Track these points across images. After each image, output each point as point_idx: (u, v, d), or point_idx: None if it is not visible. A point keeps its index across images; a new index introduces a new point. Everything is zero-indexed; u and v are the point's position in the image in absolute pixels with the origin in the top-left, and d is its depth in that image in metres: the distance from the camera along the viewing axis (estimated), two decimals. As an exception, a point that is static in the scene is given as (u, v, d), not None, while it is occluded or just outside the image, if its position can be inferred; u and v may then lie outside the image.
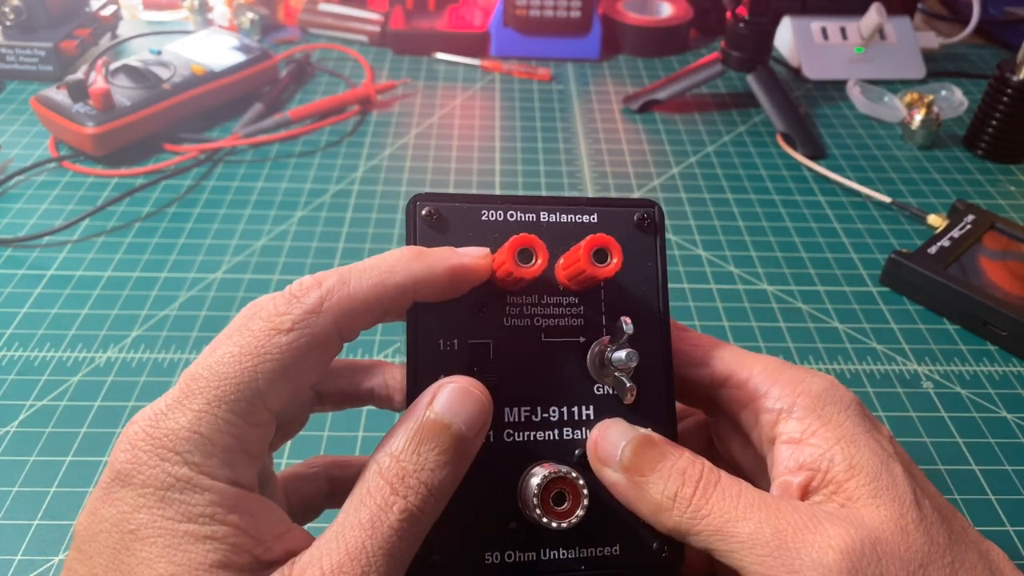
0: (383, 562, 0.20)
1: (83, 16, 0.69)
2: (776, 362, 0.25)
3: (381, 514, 0.20)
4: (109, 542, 0.20)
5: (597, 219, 0.26)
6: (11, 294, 0.45)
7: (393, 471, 0.21)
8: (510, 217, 0.26)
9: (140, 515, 0.20)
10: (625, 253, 0.24)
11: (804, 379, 0.25)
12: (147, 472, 0.20)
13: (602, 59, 0.75)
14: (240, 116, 0.62)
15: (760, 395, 0.25)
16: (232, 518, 0.20)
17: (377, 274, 0.22)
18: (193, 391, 0.21)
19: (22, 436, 0.37)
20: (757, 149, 0.62)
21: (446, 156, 0.60)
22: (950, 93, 0.68)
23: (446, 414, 0.21)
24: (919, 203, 0.56)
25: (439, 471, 0.21)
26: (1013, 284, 0.45)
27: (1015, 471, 0.37)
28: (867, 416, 0.24)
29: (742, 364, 0.26)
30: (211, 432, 0.20)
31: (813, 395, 0.24)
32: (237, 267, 0.48)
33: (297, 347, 0.21)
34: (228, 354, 0.21)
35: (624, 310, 0.25)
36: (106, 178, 0.55)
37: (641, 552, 0.24)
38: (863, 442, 0.23)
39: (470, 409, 0.22)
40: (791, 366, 0.25)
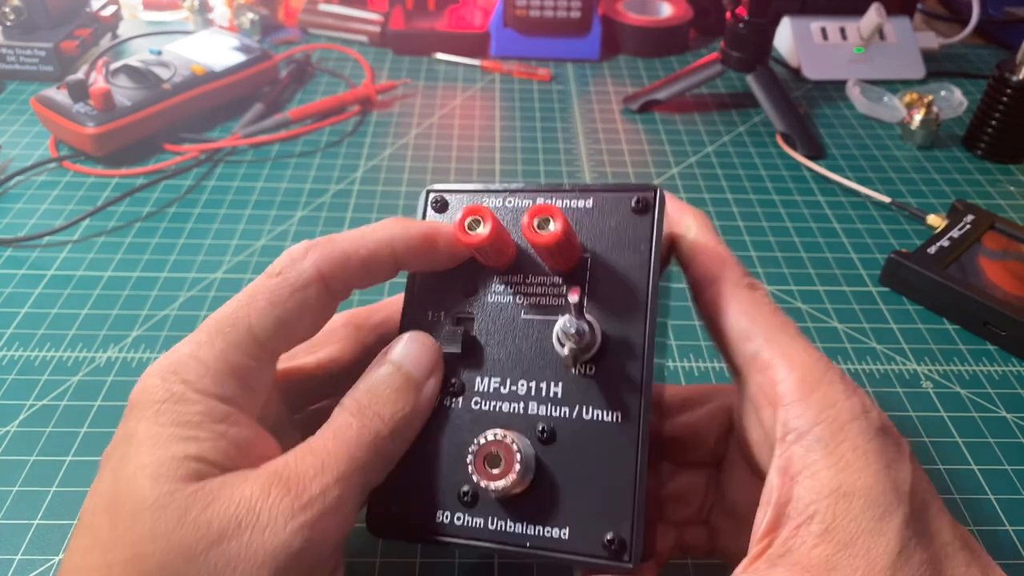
0: (344, 460, 0.23)
1: (83, 16, 0.69)
2: (817, 370, 0.23)
3: (342, 430, 0.23)
4: (114, 455, 0.22)
5: (592, 204, 0.26)
6: (11, 294, 0.45)
7: (352, 405, 0.24)
8: (507, 204, 0.27)
9: (139, 426, 0.22)
10: (617, 236, 0.25)
11: (836, 403, 0.23)
12: (149, 392, 0.23)
13: (602, 59, 0.75)
14: (240, 116, 0.63)
15: (783, 404, 0.23)
16: (217, 427, 0.22)
17: (359, 231, 0.26)
18: (198, 329, 0.24)
19: (22, 436, 0.37)
20: (757, 149, 0.62)
21: (446, 156, 0.60)
22: (950, 93, 0.68)
23: (397, 357, 0.25)
24: (919, 203, 0.56)
25: (391, 405, 0.24)
26: (1013, 284, 0.45)
27: (1015, 471, 0.37)
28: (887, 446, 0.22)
29: (783, 360, 0.24)
30: (207, 357, 0.23)
31: (835, 425, 0.22)
32: (237, 267, 0.48)
33: (282, 287, 0.24)
34: (232, 300, 0.24)
35: (607, 292, 0.25)
36: (106, 178, 0.55)
37: (590, 542, 0.24)
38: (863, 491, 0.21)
39: (418, 353, 0.25)
40: (830, 381, 0.23)
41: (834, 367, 0.24)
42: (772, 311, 0.25)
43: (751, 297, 0.25)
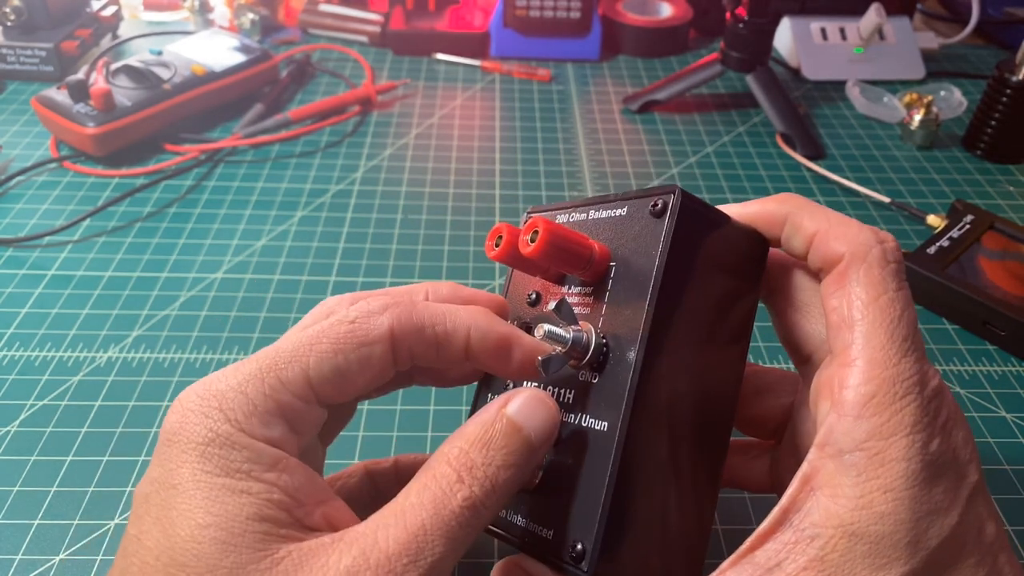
0: (441, 544, 0.20)
1: (84, 16, 0.69)
2: (896, 388, 0.21)
3: (445, 498, 0.21)
4: (156, 500, 0.21)
5: (626, 211, 0.26)
6: (12, 294, 0.45)
7: (461, 461, 0.22)
8: (570, 218, 0.28)
9: (182, 470, 0.20)
10: (637, 243, 0.25)
11: (894, 433, 0.21)
12: (191, 429, 0.21)
13: (602, 60, 0.75)
14: (240, 116, 0.63)
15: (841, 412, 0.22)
16: (269, 476, 0.21)
17: (443, 308, 0.24)
18: (248, 360, 0.22)
19: (23, 436, 0.37)
20: (756, 149, 0.62)
21: (446, 156, 0.60)
22: (949, 93, 0.68)
23: (519, 417, 0.23)
24: (918, 203, 0.56)
25: (504, 470, 0.22)
26: (1012, 284, 0.45)
27: (1014, 471, 0.37)
28: (932, 493, 0.21)
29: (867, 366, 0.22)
30: (256, 394, 0.21)
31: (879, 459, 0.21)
32: (237, 267, 0.48)
33: (351, 336, 0.22)
34: (294, 335, 0.23)
35: (622, 300, 0.25)
36: (107, 178, 0.55)
37: (562, 546, 0.24)
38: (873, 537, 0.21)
39: (542, 418, 0.23)
40: (904, 405, 0.21)
41: (919, 388, 0.21)
42: (889, 302, 0.23)
43: (874, 279, 0.23)
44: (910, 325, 0.22)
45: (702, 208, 0.25)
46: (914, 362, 0.22)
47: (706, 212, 0.25)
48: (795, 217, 0.25)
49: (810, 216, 0.25)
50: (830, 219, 0.25)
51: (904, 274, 0.24)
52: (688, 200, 0.24)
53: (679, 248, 0.24)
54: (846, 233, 0.24)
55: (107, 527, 0.33)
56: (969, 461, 0.22)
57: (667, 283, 0.24)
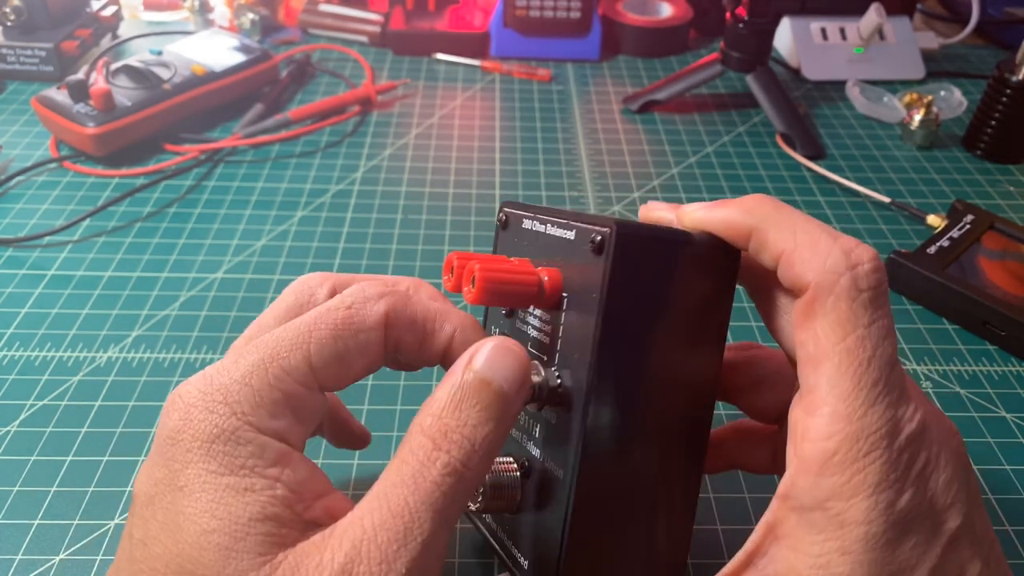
0: (427, 518, 0.20)
1: (84, 16, 0.69)
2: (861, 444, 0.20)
3: (423, 470, 0.20)
4: (162, 503, 0.20)
5: (574, 236, 0.24)
6: (11, 294, 0.45)
7: (435, 428, 0.21)
8: (532, 227, 0.26)
9: (188, 470, 0.20)
10: (583, 277, 0.23)
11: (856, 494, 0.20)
12: (195, 426, 0.20)
13: (602, 60, 0.75)
14: (241, 116, 0.63)
15: (801, 466, 0.21)
16: (273, 471, 0.20)
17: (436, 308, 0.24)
18: (249, 350, 0.22)
19: (22, 436, 0.37)
20: (756, 149, 0.62)
21: (446, 156, 0.60)
22: (949, 93, 0.68)
23: (486, 371, 0.22)
24: (918, 203, 0.56)
25: (481, 427, 0.21)
26: (1012, 284, 0.45)
27: (1014, 471, 0.37)
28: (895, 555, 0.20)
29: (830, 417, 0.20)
30: (261, 385, 0.21)
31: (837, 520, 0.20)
32: (237, 267, 0.48)
33: (349, 322, 0.22)
34: (291, 323, 0.22)
35: (572, 338, 0.23)
36: (107, 178, 0.55)
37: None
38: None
39: (509, 365, 0.22)
40: (869, 463, 0.20)
41: (888, 442, 0.20)
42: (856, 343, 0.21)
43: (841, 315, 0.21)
44: (882, 366, 0.20)
45: (648, 237, 0.23)
46: (884, 410, 0.20)
47: (654, 240, 0.23)
48: (760, 233, 0.23)
49: (776, 231, 0.22)
50: (797, 237, 0.22)
51: (883, 299, 0.21)
52: (628, 235, 0.22)
53: (622, 286, 0.22)
54: (812, 258, 0.21)
55: (107, 527, 0.33)
56: (950, 506, 0.21)
57: (610, 326, 0.22)
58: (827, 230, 0.22)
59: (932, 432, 0.21)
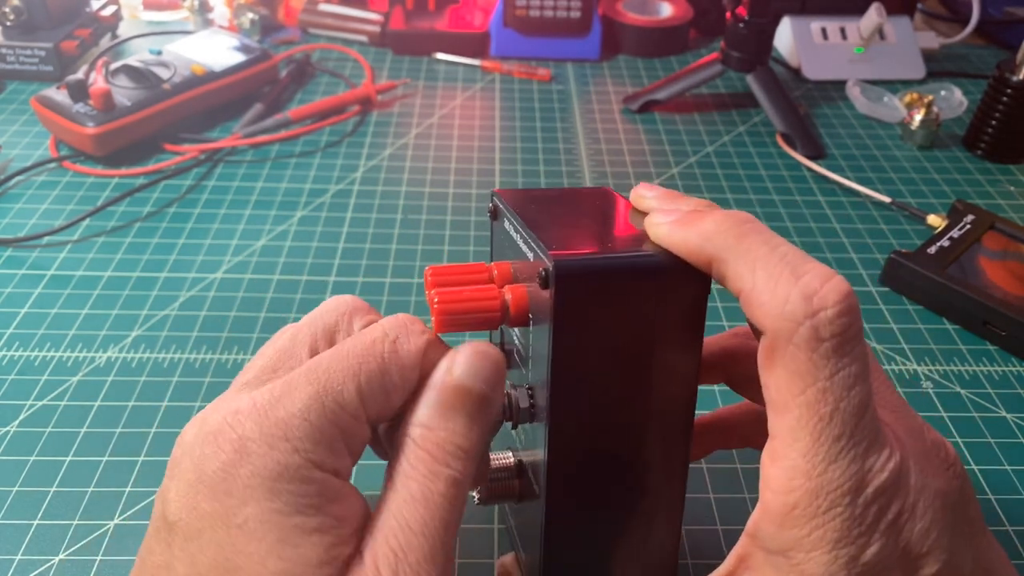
0: (443, 533, 0.21)
1: (83, 16, 0.69)
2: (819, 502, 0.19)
3: (429, 484, 0.21)
4: (214, 539, 0.19)
5: (532, 259, 0.23)
6: (11, 294, 0.45)
7: (430, 440, 0.21)
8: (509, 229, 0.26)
9: (248, 508, 0.19)
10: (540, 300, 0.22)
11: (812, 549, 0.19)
12: (255, 461, 0.20)
13: (602, 59, 0.75)
14: (240, 116, 0.63)
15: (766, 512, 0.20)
16: (334, 509, 0.20)
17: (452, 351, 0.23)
18: (299, 380, 0.21)
19: (22, 436, 0.37)
20: (757, 149, 0.62)
21: (446, 156, 0.60)
22: (950, 93, 0.68)
23: (466, 377, 0.22)
24: (919, 203, 0.56)
25: (471, 433, 0.22)
26: (1013, 284, 0.45)
27: (1015, 471, 0.37)
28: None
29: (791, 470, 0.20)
30: (319, 420, 0.20)
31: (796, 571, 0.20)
32: (237, 267, 0.48)
33: (395, 356, 0.22)
34: (337, 352, 0.22)
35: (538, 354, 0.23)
36: (106, 178, 0.55)
37: None
38: None
39: (486, 367, 0.22)
40: (827, 520, 0.19)
41: (848, 504, 0.19)
42: (818, 395, 0.19)
43: (800, 366, 0.20)
44: (847, 419, 0.19)
45: (597, 271, 0.21)
46: (848, 465, 0.19)
47: (604, 273, 0.21)
48: (719, 265, 0.21)
49: (735, 266, 0.21)
50: (756, 276, 0.20)
51: (850, 345, 0.19)
52: (571, 272, 0.21)
53: (571, 320, 0.21)
54: (769, 302, 0.20)
55: (107, 527, 0.33)
56: (925, 554, 0.20)
57: (563, 358, 0.22)
58: (790, 265, 0.20)
59: (909, 479, 0.20)
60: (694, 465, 0.36)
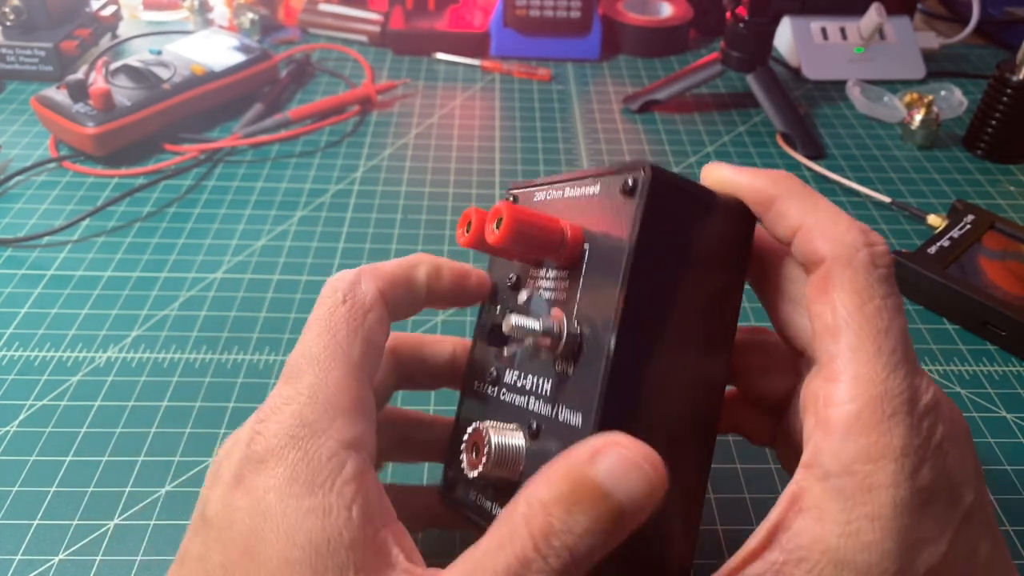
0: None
1: (83, 16, 0.69)
2: (884, 407, 0.20)
3: (520, 569, 0.19)
4: (242, 529, 0.20)
5: (599, 190, 0.24)
6: (11, 294, 0.45)
7: (539, 524, 0.19)
8: (545, 197, 0.27)
9: (270, 497, 0.20)
10: (610, 223, 0.23)
11: (882, 457, 0.20)
12: (279, 453, 0.21)
13: (602, 59, 0.75)
14: (240, 116, 0.63)
15: (826, 431, 0.21)
16: (349, 489, 0.21)
17: (397, 260, 0.26)
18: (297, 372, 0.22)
19: (22, 436, 0.37)
20: (757, 149, 0.62)
21: (446, 156, 0.60)
22: (950, 93, 0.68)
23: (609, 481, 0.19)
24: (919, 203, 0.56)
25: (586, 539, 0.19)
26: (1013, 284, 0.45)
27: (1015, 471, 0.37)
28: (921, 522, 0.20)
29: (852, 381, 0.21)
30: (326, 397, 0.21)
31: (865, 484, 0.20)
32: (237, 267, 0.48)
33: (356, 312, 0.23)
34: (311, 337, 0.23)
35: (594, 286, 0.23)
36: (106, 178, 0.55)
37: None
38: (858, 566, 0.20)
39: (637, 486, 0.19)
40: (892, 425, 0.20)
41: (910, 407, 0.20)
42: (876, 310, 0.21)
43: (860, 285, 0.21)
44: (899, 337, 0.21)
45: (678, 183, 0.23)
46: (903, 377, 0.20)
47: (683, 187, 0.23)
48: (781, 203, 0.23)
49: (798, 205, 0.23)
50: (818, 213, 0.23)
51: (894, 280, 0.22)
52: (661, 177, 0.22)
53: (652, 228, 0.22)
54: (832, 232, 0.22)
55: (107, 527, 0.33)
56: (964, 483, 0.21)
57: (640, 267, 0.22)
58: (845, 213, 0.23)
59: (944, 408, 0.21)
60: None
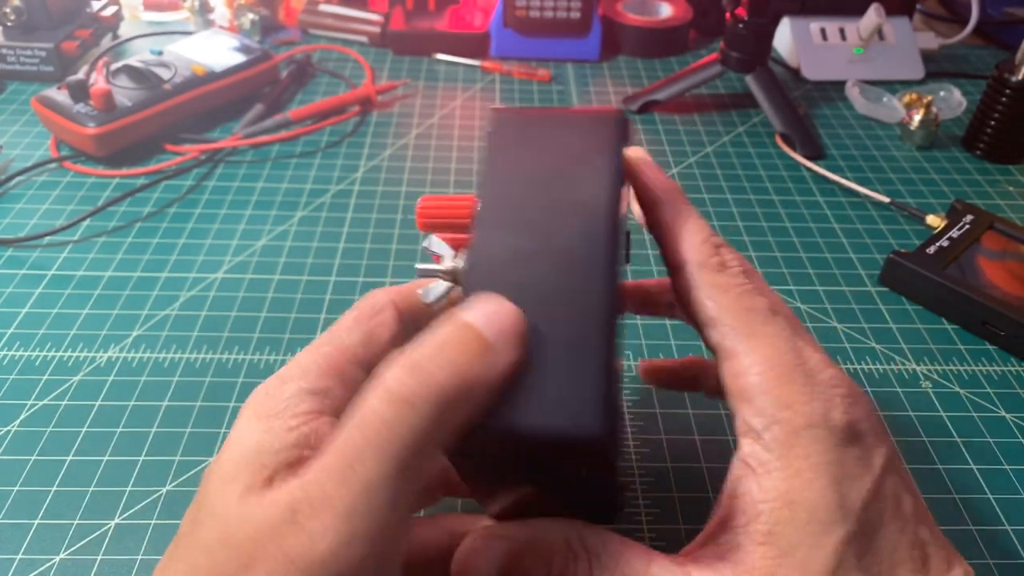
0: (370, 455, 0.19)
1: (84, 17, 0.69)
2: (780, 364, 0.23)
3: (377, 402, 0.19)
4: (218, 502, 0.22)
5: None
6: (12, 294, 0.45)
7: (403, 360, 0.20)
8: None
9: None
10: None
11: (793, 403, 0.22)
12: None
13: (602, 60, 0.75)
14: (241, 117, 0.63)
15: (745, 399, 0.23)
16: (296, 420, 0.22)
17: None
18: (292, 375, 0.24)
19: (23, 436, 0.37)
20: (756, 149, 0.62)
21: (446, 156, 0.60)
22: (949, 93, 0.68)
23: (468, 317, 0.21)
24: (918, 203, 0.56)
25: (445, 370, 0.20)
26: (1012, 284, 0.45)
27: (1014, 470, 0.37)
28: (845, 460, 0.22)
29: (747, 352, 0.23)
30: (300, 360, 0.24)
31: (789, 428, 0.22)
32: (238, 267, 0.48)
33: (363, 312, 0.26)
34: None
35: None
36: (107, 178, 0.55)
37: None
38: (808, 503, 0.21)
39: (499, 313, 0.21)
40: (793, 378, 0.23)
41: (803, 362, 0.23)
42: (739, 294, 0.24)
43: (718, 281, 0.24)
44: (767, 314, 0.24)
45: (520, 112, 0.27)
46: (786, 341, 0.23)
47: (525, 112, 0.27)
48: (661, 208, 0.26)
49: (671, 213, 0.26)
50: (688, 224, 0.26)
51: (753, 275, 0.25)
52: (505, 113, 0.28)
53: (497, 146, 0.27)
54: (691, 242, 0.25)
55: (107, 527, 0.33)
56: (875, 434, 0.23)
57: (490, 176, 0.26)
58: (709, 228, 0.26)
59: (837, 372, 0.24)
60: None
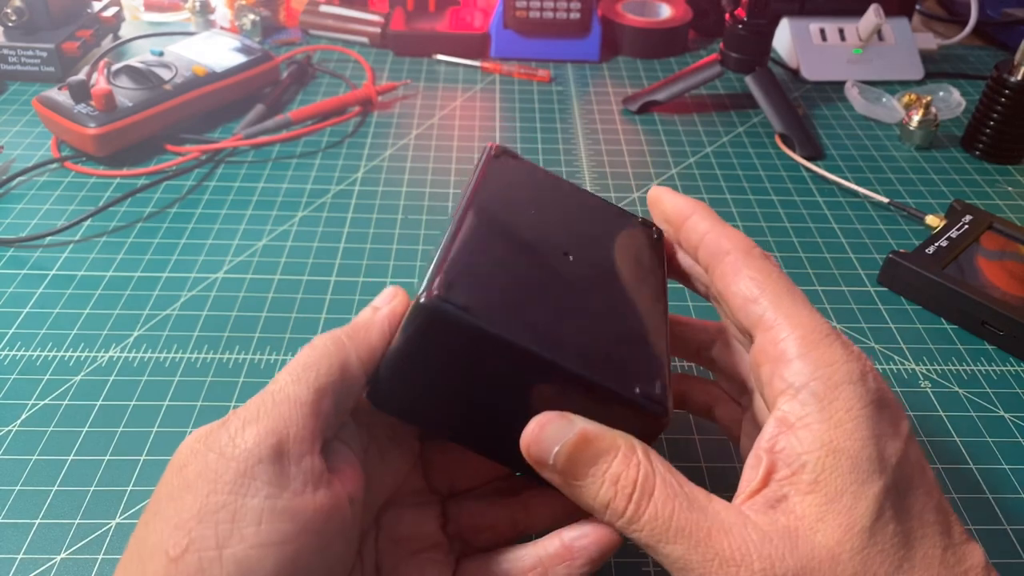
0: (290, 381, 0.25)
1: (85, 17, 0.69)
2: (818, 332, 0.25)
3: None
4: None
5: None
6: (13, 294, 0.45)
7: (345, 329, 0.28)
8: None
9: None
10: None
11: (833, 362, 0.24)
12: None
13: (601, 60, 0.75)
14: (241, 117, 0.63)
15: (783, 361, 0.24)
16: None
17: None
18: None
19: (24, 435, 0.37)
20: (755, 150, 0.62)
21: (447, 157, 0.60)
22: (948, 94, 0.68)
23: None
24: (917, 203, 0.56)
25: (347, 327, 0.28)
26: (1010, 284, 0.45)
27: (1013, 470, 0.37)
28: (881, 418, 0.23)
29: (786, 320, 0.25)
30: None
31: (830, 383, 0.23)
32: (238, 267, 0.48)
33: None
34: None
35: None
36: (108, 179, 0.56)
37: None
38: (850, 452, 0.22)
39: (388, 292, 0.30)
40: (831, 342, 0.24)
41: (837, 332, 0.25)
42: (780, 277, 0.27)
43: (761, 265, 0.27)
44: (793, 284, 0.27)
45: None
46: (821, 319, 0.25)
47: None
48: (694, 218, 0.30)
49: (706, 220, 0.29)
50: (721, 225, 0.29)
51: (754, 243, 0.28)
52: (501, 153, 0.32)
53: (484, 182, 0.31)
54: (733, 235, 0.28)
55: (108, 526, 0.33)
56: (896, 406, 0.24)
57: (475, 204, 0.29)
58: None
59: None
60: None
